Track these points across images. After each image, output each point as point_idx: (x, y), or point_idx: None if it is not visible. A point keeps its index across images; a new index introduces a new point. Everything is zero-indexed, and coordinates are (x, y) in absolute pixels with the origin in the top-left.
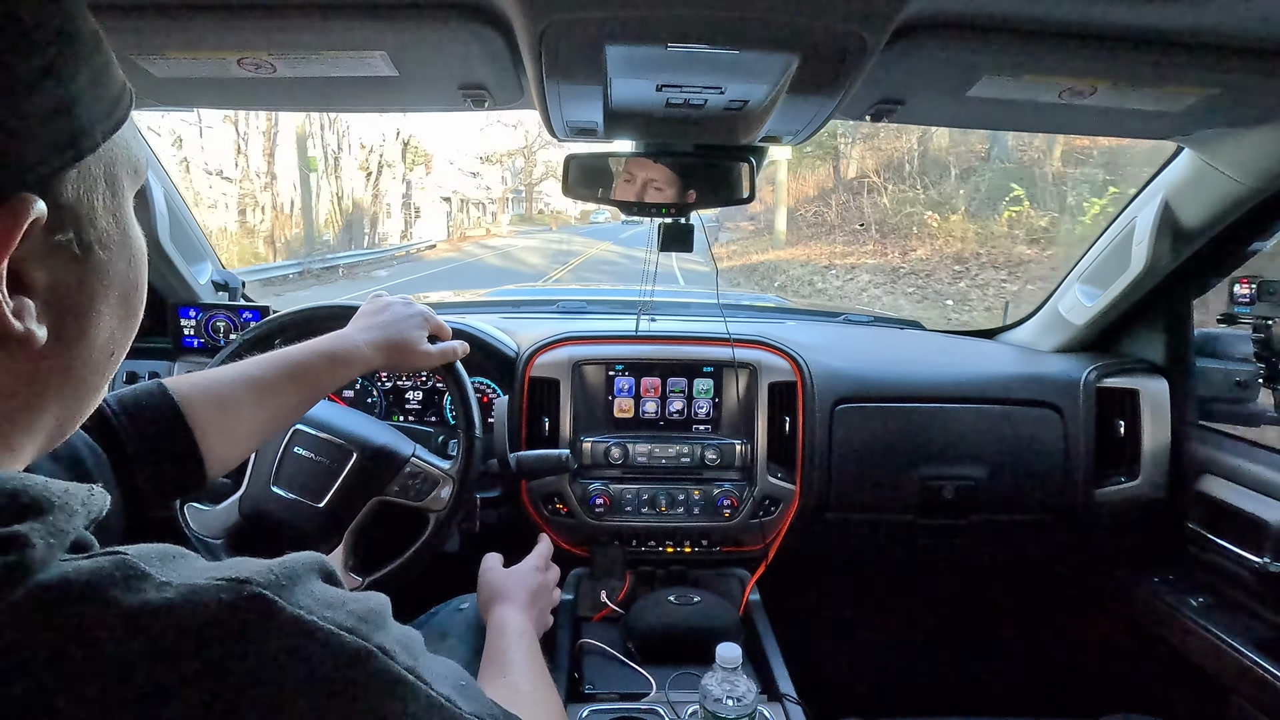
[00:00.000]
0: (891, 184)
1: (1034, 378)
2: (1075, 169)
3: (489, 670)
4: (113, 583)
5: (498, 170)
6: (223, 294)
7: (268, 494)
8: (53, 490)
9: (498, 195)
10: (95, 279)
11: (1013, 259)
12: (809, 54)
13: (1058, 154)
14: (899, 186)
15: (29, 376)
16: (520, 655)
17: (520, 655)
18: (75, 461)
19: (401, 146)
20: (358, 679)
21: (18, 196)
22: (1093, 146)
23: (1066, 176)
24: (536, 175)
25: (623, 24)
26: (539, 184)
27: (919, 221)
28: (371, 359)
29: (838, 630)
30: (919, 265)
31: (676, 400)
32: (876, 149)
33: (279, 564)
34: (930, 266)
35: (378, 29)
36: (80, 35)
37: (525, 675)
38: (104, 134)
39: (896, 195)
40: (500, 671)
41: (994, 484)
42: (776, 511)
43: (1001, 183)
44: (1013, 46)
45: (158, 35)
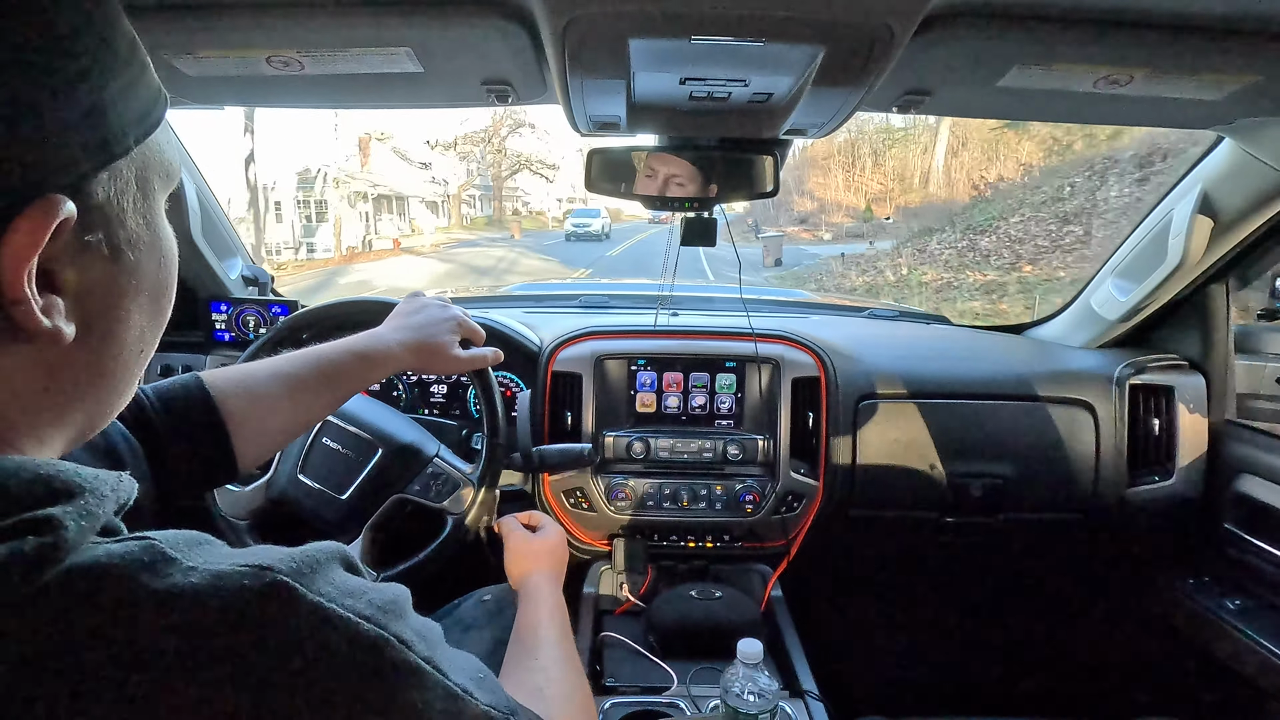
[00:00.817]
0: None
1: (1064, 374)
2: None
3: (520, 649)
4: (142, 567)
5: (458, 161)
6: (252, 288)
7: (294, 481)
8: (83, 475)
9: (454, 191)
10: (125, 279)
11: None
12: (835, 45)
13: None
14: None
15: (58, 372)
16: (553, 635)
17: (553, 635)
18: (110, 452)
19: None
20: (374, 667)
21: (48, 197)
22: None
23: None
24: (506, 167)
25: (646, 17)
26: (510, 177)
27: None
28: (403, 359)
29: (860, 628)
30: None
31: (699, 395)
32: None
33: (301, 552)
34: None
35: (403, 25)
36: (115, 43)
37: (555, 660)
38: (136, 139)
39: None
40: (532, 653)
41: (1023, 482)
42: (799, 508)
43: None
44: (1045, 35)
45: (190, 34)
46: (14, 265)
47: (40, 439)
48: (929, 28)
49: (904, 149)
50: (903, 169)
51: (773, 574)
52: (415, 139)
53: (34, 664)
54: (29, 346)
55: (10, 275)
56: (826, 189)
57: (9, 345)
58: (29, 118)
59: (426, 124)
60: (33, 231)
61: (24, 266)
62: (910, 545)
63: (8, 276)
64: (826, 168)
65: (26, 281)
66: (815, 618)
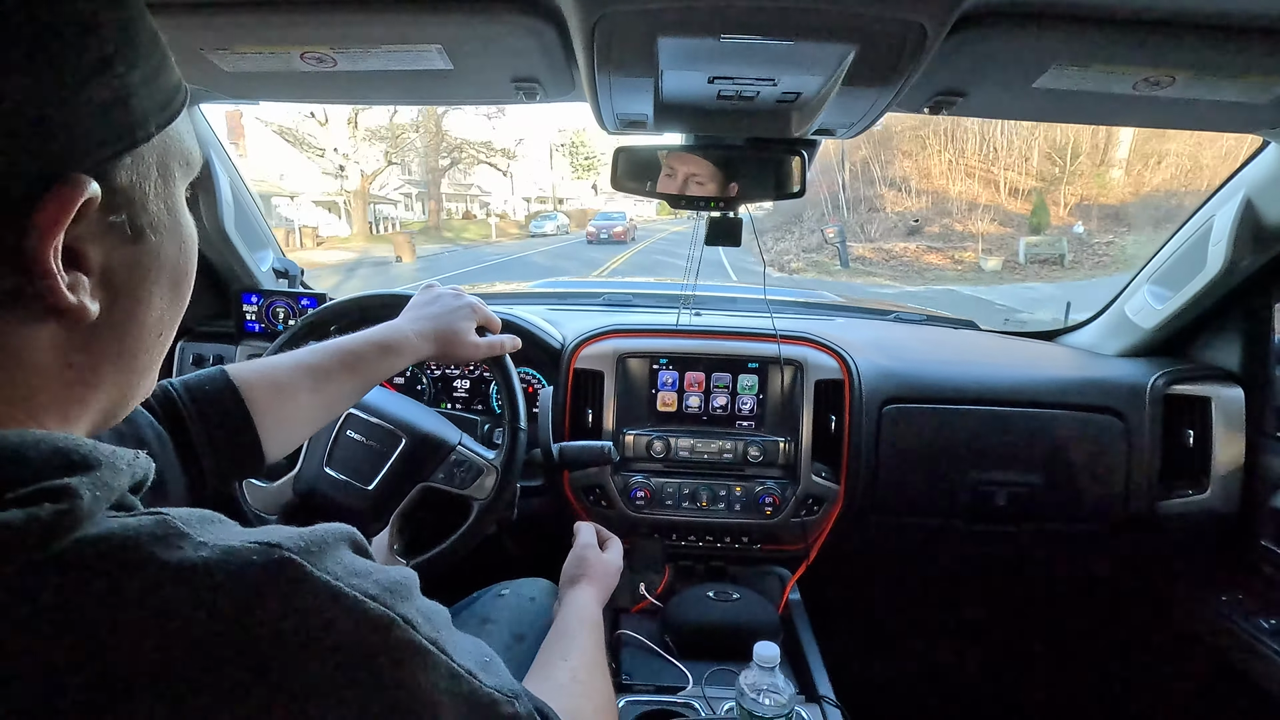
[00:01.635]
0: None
1: (1096, 382)
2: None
3: (553, 650)
4: (153, 540)
5: (369, 145)
6: (282, 281)
7: (321, 474)
8: (100, 450)
9: (357, 186)
10: (146, 261)
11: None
12: (866, 45)
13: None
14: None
15: (84, 350)
16: (588, 643)
17: (588, 643)
18: (138, 441)
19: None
20: (379, 646)
21: (73, 177)
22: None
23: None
24: (444, 154)
25: (676, 16)
26: (448, 171)
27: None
28: (420, 348)
29: (880, 634)
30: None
31: (720, 395)
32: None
33: (310, 532)
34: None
35: (434, 23)
36: (138, 34)
37: (585, 665)
38: (158, 126)
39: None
40: (563, 654)
41: (1050, 491)
42: (819, 511)
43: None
44: (1083, 35)
45: (226, 30)
46: (41, 241)
47: (66, 418)
48: (963, 27)
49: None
50: (1055, 149)
51: (791, 577)
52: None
53: (44, 627)
54: (55, 324)
55: (38, 250)
56: (928, 176)
57: (36, 321)
58: (55, 101)
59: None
60: (59, 209)
61: (51, 242)
62: (932, 552)
63: (36, 252)
64: (919, 146)
65: (53, 257)
66: (833, 623)
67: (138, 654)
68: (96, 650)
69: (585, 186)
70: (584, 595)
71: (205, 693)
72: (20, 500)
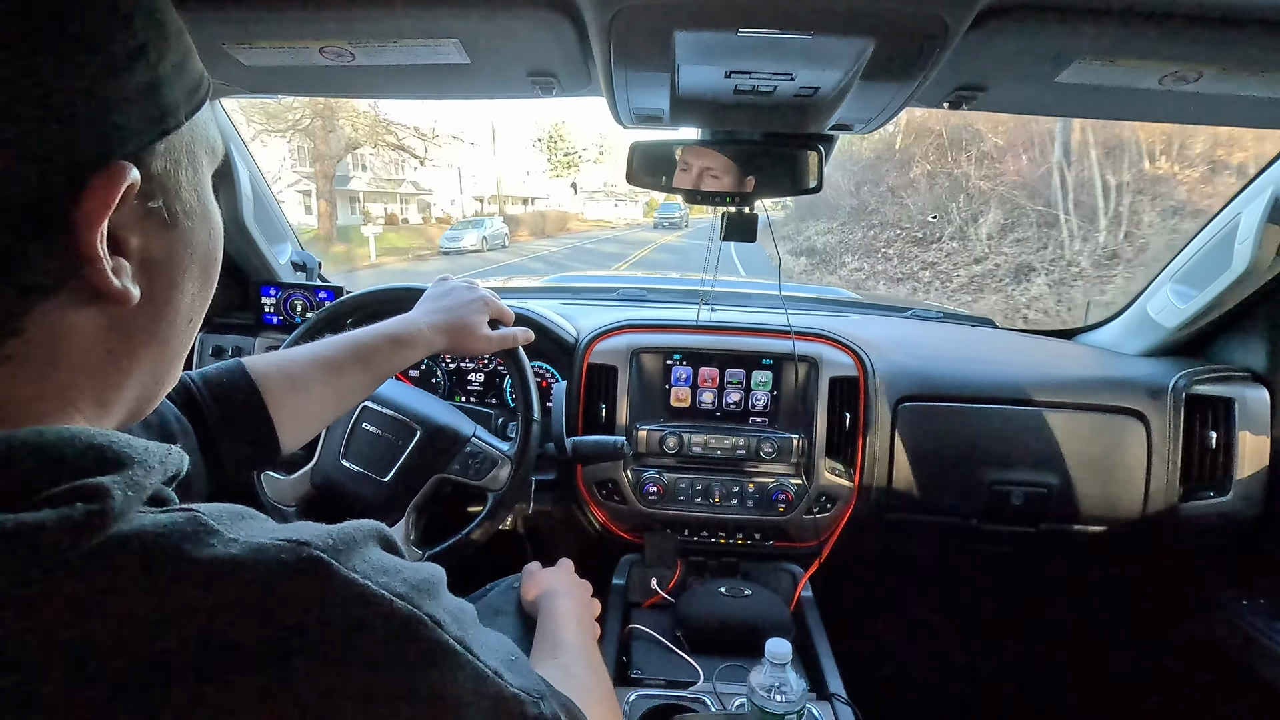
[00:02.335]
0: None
1: (1116, 381)
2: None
3: (541, 650)
4: (184, 537)
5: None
6: (300, 274)
7: (337, 466)
8: (134, 447)
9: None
10: (181, 246)
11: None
12: (886, 39)
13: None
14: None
15: (122, 336)
16: (573, 638)
17: (573, 638)
18: (165, 431)
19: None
20: (406, 645)
21: (115, 163)
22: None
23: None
24: (339, 146)
25: (693, 9)
26: (346, 154)
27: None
28: (433, 341)
29: (892, 633)
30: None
31: (734, 391)
32: None
33: (339, 529)
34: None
35: (452, 17)
36: (167, 24)
37: (577, 658)
38: (186, 114)
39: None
40: (552, 653)
41: (1067, 492)
42: (833, 509)
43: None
44: (1108, 28)
45: (247, 25)
46: (87, 226)
47: (103, 404)
48: (984, 21)
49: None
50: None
51: (804, 574)
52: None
53: (76, 625)
54: (98, 309)
55: (84, 235)
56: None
57: (81, 306)
58: (96, 89)
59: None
60: (103, 195)
61: (96, 227)
62: (946, 552)
63: (82, 237)
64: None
65: (99, 243)
66: (846, 621)
67: (167, 651)
68: (127, 647)
69: (564, 185)
70: (549, 601)
71: (233, 690)
72: (54, 499)
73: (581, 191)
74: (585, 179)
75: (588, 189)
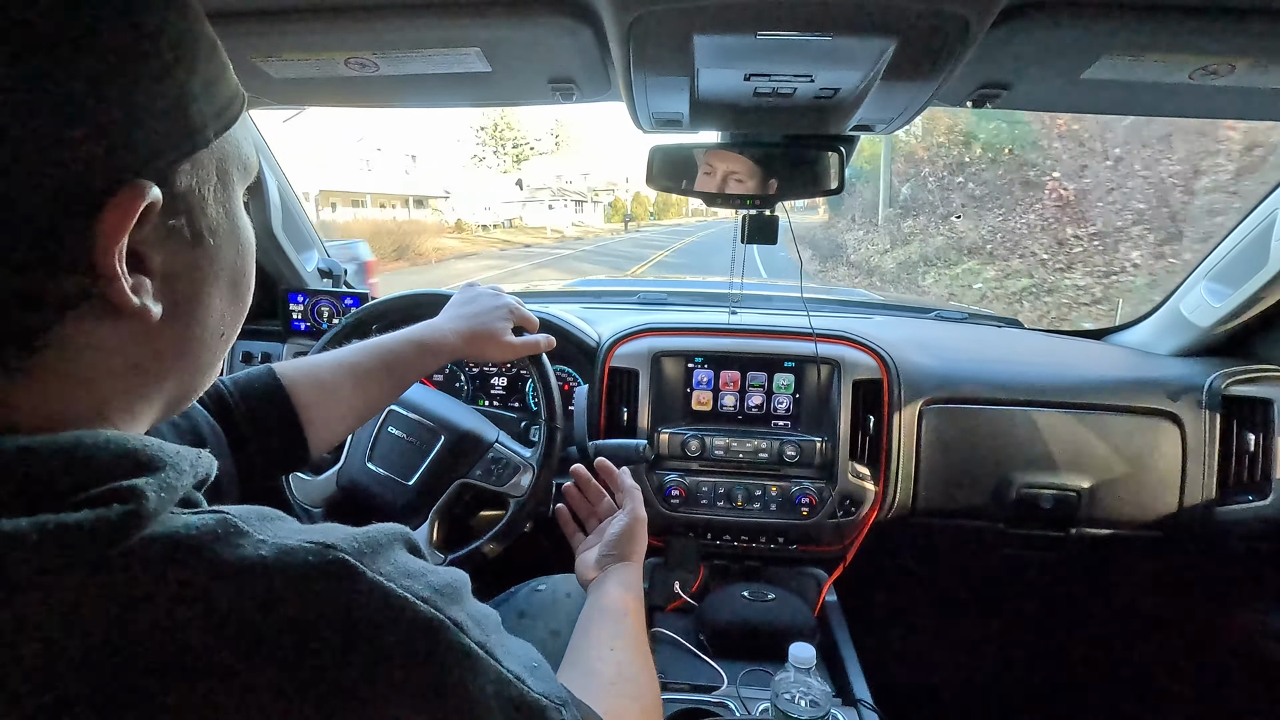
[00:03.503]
0: None
1: (1149, 382)
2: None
3: (598, 632)
4: (215, 538)
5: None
6: (327, 280)
7: (363, 469)
8: (166, 451)
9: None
10: (205, 264)
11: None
12: (907, 38)
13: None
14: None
15: (148, 350)
16: (636, 630)
17: (636, 630)
18: (196, 435)
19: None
20: (429, 648)
21: (136, 182)
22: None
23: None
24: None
25: (712, 13)
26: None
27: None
28: (458, 347)
29: (919, 638)
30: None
31: (756, 394)
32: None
33: (364, 532)
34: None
35: (473, 26)
36: (197, 43)
37: (631, 659)
38: (216, 132)
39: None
40: (610, 642)
41: (1098, 496)
42: (857, 512)
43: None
44: (1137, 22)
45: (274, 38)
46: (106, 244)
47: (132, 413)
48: (1008, 18)
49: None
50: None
51: (828, 578)
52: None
53: (111, 622)
54: (122, 325)
55: (103, 255)
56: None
57: (104, 323)
58: (119, 109)
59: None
60: (123, 213)
61: (115, 246)
62: (973, 556)
63: (101, 255)
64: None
65: (118, 261)
66: (871, 625)
67: (197, 648)
68: (159, 643)
69: (510, 182)
70: (635, 575)
71: (259, 688)
72: (91, 501)
73: (526, 188)
74: (533, 174)
75: (533, 185)
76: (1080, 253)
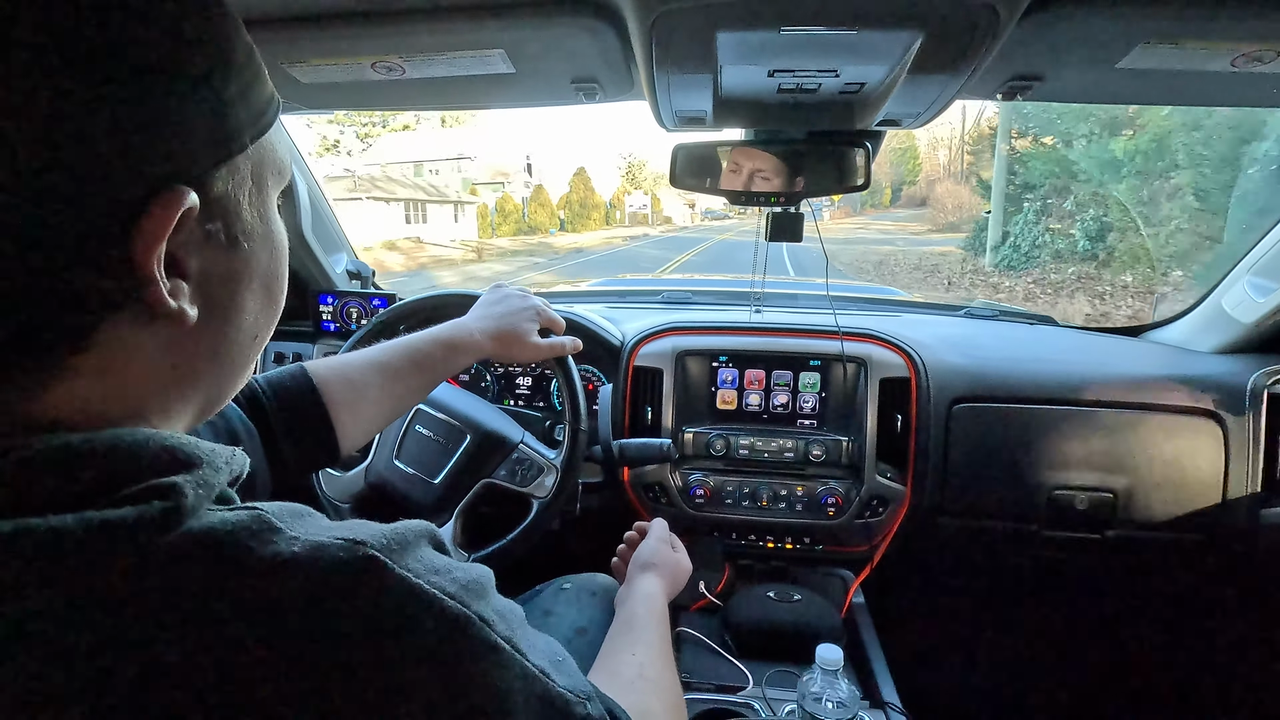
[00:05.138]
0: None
1: (1189, 380)
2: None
3: (620, 640)
4: (250, 534)
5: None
6: (355, 282)
7: (391, 466)
8: (202, 449)
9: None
10: (240, 267)
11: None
12: (934, 31)
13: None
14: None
15: (184, 351)
16: (656, 637)
17: (656, 637)
18: (230, 433)
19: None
20: (455, 643)
21: (175, 188)
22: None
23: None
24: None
25: (735, 10)
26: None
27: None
28: (484, 346)
29: (948, 641)
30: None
31: (781, 393)
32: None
33: (392, 529)
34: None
35: (496, 28)
36: (234, 50)
37: (653, 660)
38: (252, 137)
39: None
40: (631, 647)
41: (1136, 498)
42: (885, 513)
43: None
44: (1175, 9)
45: (303, 44)
46: (145, 249)
47: (168, 414)
48: (1039, 6)
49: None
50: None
51: (855, 580)
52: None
53: (150, 615)
54: (159, 327)
55: (142, 258)
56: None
57: (142, 325)
58: (159, 116)
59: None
60: (162, 219)
61: (154, 251)
62: (1004, 558)
63: (140, 259)
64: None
65: (156, 265)
66: (899, 628)
67: (231, 642)
68: (196, 637)
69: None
70: (654, 586)
71: (290, 681)
72: (132, 498)
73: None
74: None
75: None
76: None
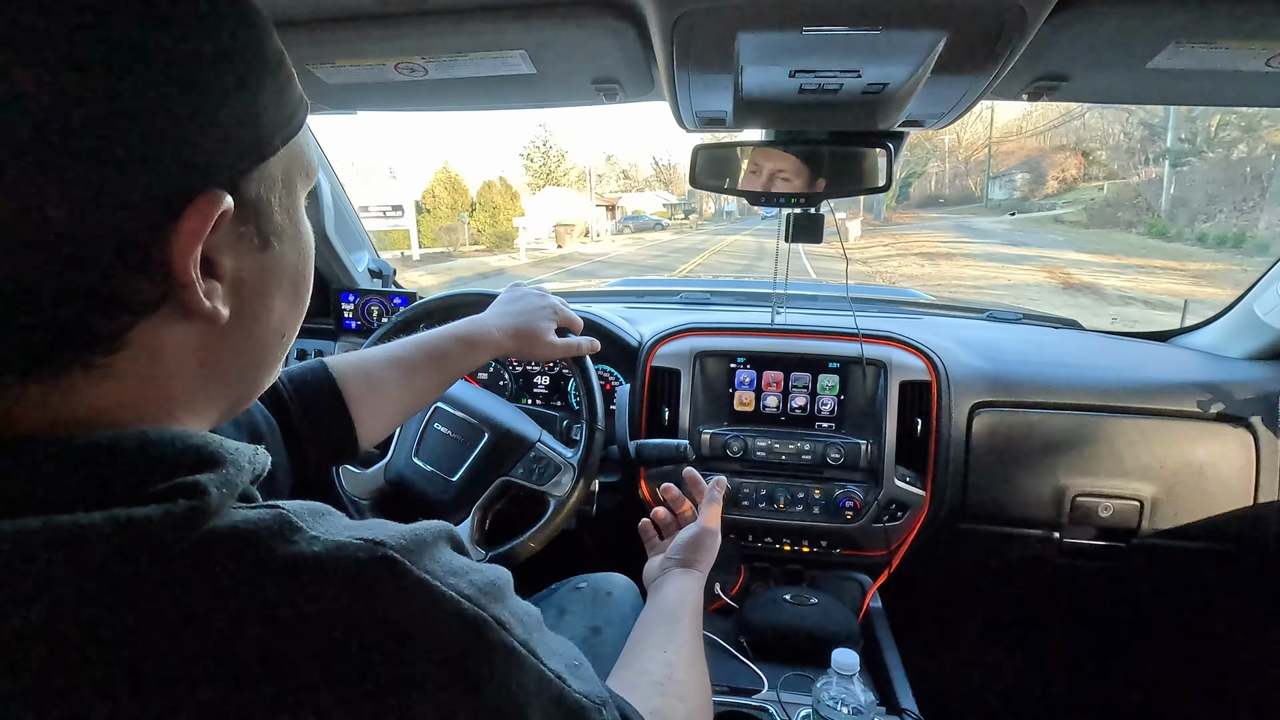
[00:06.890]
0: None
1: (1219, 386)
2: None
3: (652, 634)
4: (272, 534)
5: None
6: (376, 280)
7: (409, 464)
8: (226, 447)
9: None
10: (270, 267)
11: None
12: (959, 30)
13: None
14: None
15: (215, 350)
16: (690, 635)
17: (690, 635)
18: (253, 429)
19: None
20: (472, 646)
21: (211, 192)
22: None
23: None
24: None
25: (756, 10)
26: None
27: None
28: (502, 344)
29: (966, 648)
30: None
31: (799, 396)
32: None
33: (412, 530)
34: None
35: (518, 29)
36: (267, 55)
37: (683, 661)
38: (282, 140)
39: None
40: (663, 644)
41: (1163, 506)
42: (903, 517)
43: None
44: (1208, 7)
45: (327, 45)
46: (183, 252)
47: (196, 411)
48: (1067, 5)
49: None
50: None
51: (872, 584)
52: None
53: (174, 613)
54: (191, 327)
55: (180, 261)
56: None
57: (177, 324)
58: (195, 122)
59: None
60: (199, 222)
61: (191, 253)
62: (1025, 565)
63: (178, 262)
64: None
65: (193, 267)
66: (917, 633)
67: (249, 639)
68: (218, 635)
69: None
70: (695, 582)
71: (307, 680)
72: (158, 495)
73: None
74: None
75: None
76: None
